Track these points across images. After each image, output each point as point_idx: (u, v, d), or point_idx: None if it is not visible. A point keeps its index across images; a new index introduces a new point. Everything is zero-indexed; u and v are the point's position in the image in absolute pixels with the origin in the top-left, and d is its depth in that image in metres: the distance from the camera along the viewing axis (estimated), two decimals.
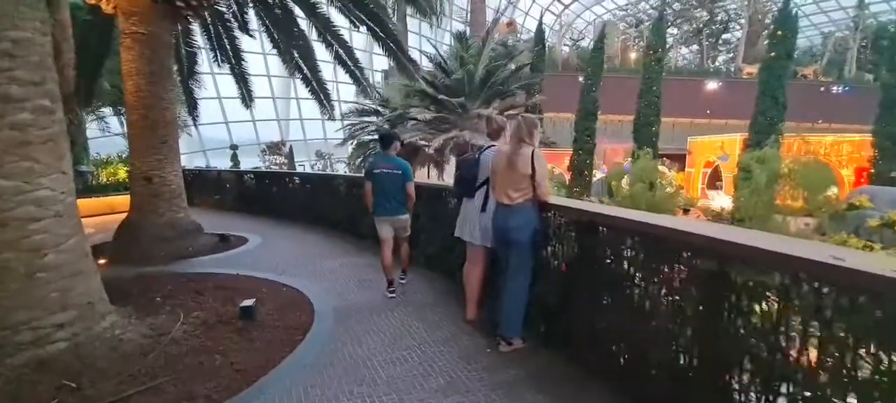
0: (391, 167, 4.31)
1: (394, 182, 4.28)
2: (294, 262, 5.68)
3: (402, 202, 4.35)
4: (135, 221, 6.11)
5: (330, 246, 6.66)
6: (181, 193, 6.45)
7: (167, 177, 6.21)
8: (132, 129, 6.12)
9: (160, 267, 5.44)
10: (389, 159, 4.36)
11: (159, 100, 6.12)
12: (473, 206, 3.60)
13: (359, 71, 8.34)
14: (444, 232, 4.77)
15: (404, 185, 4.31)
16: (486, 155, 3.54)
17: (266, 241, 6.94)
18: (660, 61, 12.90)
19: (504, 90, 14.45)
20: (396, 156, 4.42)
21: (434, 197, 5.33)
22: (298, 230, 7.96)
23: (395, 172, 4.28)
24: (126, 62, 6.01)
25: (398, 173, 4.29)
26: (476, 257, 3.65)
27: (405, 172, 4.32)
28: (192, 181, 11.20)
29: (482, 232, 3.52)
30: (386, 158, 4.37)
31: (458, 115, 14.62)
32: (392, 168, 4.30)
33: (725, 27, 26.14)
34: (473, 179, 3.60)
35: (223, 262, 5.69)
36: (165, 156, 6.19)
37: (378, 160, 4.47)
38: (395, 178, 4.28)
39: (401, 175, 4.29)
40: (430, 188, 5.55)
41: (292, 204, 8.84)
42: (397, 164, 4.33)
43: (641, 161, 12.04)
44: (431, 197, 5.35)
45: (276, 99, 25.49)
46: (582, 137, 14.08)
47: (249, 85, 9.34)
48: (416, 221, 4.94)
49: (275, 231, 7.90)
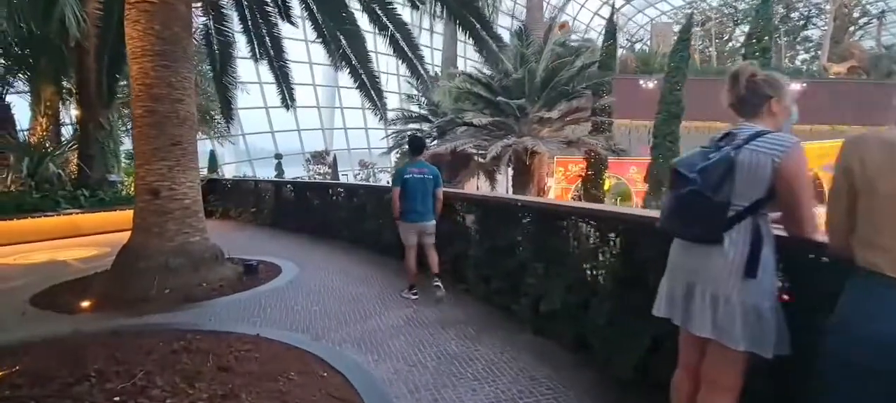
0: (423, 172, 4.16)
1: (425, 187, 4.14)
2: (338, 313, 3.87)
3: (431, 208, 4.20)
4: (136, 246, 4.53)
5: (384, 282, 4.83)
6: (198, 211, 4.84)
7: (179, 189, 4.61)
8: (137, 127, 4.58)
9: (156, 317, 3.79)
10: (420, 164, 4.23)
11: (171, 89, 4.56)
12: (714, 260, 1.61)
13: (418, 59, 6.56)
14: (571, 274, 3.00)
15: (434, 190, 4.19)
16: (752, 152, 1.54)
17: (303, 272, 5.22)
18: (766, 51, 10.39)
19: (569, 91, 12.36)
20: (426, 162, 4.32)
21: (549, 217, 3.40)
22: (341, 254, 6.21)
23: (427, 177, 4.16)
24: (131, 40, 4.49)
25: (430, 178, 4.17)
26: (715, 370, 1.65)
27: (436, 177, 4.21)
28: (229, 192, 9.85)
29: (744, 319, 1.53)
30: (417, 163, 4.23)
31: (515, 120, 12.65)
32: (423, 173, 4.16)
33: (806, 23, 22.78)
34: (716, 205, 1.60)
35: (243, 308, 3.97)
36: (177, 163, 4.60)
37: (409, 165, 4.27)
38: (426, 183, 4.14)
39: (432, 180, 4.18)
40: (542, 208, 3.60)
41: (335, 219, 7.15)
42: (429, 170, 4.22)
43: None
44: (545, 216, 3.43)
45: (321, 108, 24.60)
46: (663, 143, 11.71)
47: (291, 84, 7.79)
48: (513, 254, 3.75)
49: (314, 255, 6.20)
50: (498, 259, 3.94)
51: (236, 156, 23.53)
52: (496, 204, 3.92)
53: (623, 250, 2.68)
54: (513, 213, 3.79)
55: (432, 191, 4.15)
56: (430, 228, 4.19)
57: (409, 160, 4.33)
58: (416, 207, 4.09)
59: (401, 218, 4.16)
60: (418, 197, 4.08)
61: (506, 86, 12.46)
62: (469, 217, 4.39)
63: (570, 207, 3.20)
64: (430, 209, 4.16)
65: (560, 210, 3.30)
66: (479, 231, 4.26)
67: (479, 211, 4.18)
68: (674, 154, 11.80)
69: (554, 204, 3.35)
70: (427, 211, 4.14)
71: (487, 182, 15.36)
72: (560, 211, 3.29)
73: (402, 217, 4.15)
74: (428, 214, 4.15)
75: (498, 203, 3.91)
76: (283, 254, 6.11)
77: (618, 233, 2.73)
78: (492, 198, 4.05)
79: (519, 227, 3.76)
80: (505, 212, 3.90)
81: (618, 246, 2.74)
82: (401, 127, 15.86)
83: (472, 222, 4.34)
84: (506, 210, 3.86)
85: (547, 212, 3.40)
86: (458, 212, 4.72)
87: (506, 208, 3.86)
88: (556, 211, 3.32)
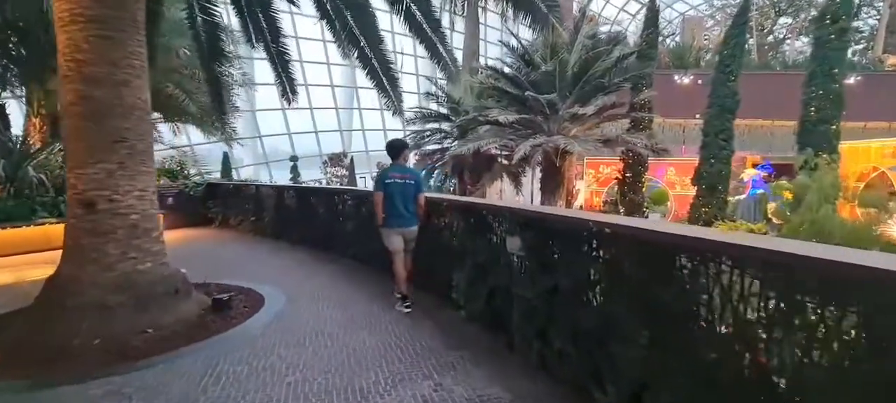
0: (405, 177, 3.94)
1: (407, 192, 3.90)
2: (338, 387, 2.55)
3: (414, 213, 3.95)
4: (64, 278, 3.29)
5: (400, 331, 3.47)
6: (152, 228, 3.58)
7: (124, 200, 3.37)
8: (66, 118, 3.35)
9: (65, 387, 2.55)
10: (402, 169, 4.02)
11: (112, 68, 3.32)
12: None
13: (439, 39, 5.21)
14: (710, 355, 1.62)
15: (417, 195, 3.94)
16: None
17: (290, 307, 3.92)
18: (844, 32, 8.55)
19: (605, 84, 10.77)
20: (408, 166, 4.21)
21: (655, 250, 1.96)
22: (346, 278, 4.90)
23: (410, 182, 3.94)
24: (58, 4, 3.29)
25: (412, 183, 3.95)
26: None
27: (418, 182, 4.01)
28: (229, 197, 8.70)
29: None
30: (398, 168, 4.00)
31: (544, 117, 11.15)
32: (405, 178, 3.94)
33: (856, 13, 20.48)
34: None
35: (188, 378, 2.67)
36: (122, 166, 3.36)
37: (390, 169, 3.99)
38: (408, 188, 3.91)
39: (414, 185, 3.95)
40: (643, 235, 2.13)
41: (341, 232, 5.86)
42: (411, 173, 4.06)
43: (822, 172, 7.94)
44: (648, 251, 1.99)
45: (339, 109, 23.66)
46: (715, 141, 10.01)
47: (291, 72, 6.54)
48: (586, 302, 2.21)
49: (312, 278, 4.91)
50: (562, 308, 2.55)
51: (255, 159, 22.81)
52: (561, 226, 2.53)
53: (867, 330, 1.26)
54: (584, 240, 2.39)
55: (414, 196, 3.91)
56: (413, 233, 3.98)
57: (393, 164, 4.04)
58: (400, 212, 3.86)
59: (384, 224, 3.91)
60: (400, 202, 3.86)
61: (534, 80, 10.98)
62: (511, 244, 3.01)
63: (704, 240, 1.78)
64: (414, 214, 3.94)
65: (683, 241, 1.87)
66: (530, 263, 2.87)
67: (532, 234, 2.80)
68: (727, 153, 10.13)
69: (665, 232, 1.90)
70: (411, 216, 3.92)
71: (512, 185, 13.93)
72: (683, 242, 1.86)
73: (386, 222, 3.90)
74: (412, 219, 3.93)
75: (562, 224, 2.52)
76: (273, 276, 4.85)
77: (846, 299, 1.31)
78: (552, 216, 2.64)
79: (596, 263, 2.36)
80: (571, 238, 2.50)
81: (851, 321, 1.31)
82: (419, 127, 14.53)
83: (518, 249, 2.95)
84: (573, 234, 2.46)
85: (650, 243, 1.99)
86: (494, 231, 3.34)
87: (573, 232, 2.47)
88: (673, 242, 1.89)
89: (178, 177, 8.69)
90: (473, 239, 3.53)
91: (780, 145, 19.35)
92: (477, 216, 3.56)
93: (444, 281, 3.88)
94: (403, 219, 3.87)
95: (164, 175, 8.44)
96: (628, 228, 2.10)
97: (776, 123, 19.74)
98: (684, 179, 13.69)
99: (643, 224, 1.95)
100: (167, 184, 8.25)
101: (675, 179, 14.19)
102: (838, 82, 8.72)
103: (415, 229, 3.97)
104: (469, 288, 3.54)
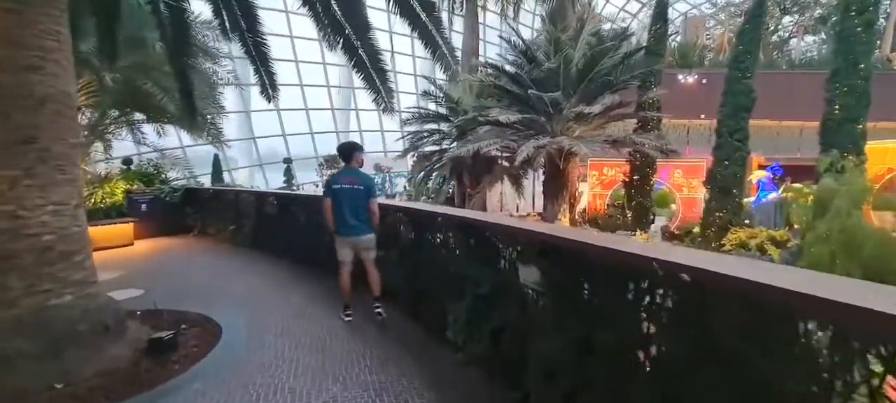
0: (354, 182, 3.64)
1: (357, 198, 3.59)
2: None
3: (366, 221, 3.63)
4: None
5: (391, 373, 2.74)
6: (74, 252, 2.81)
7: (33, 217, 2.61)
8: None
9: None
10: (352, 173, 3.70)
11: (17, 49, 2.58)
12: None
13: (434, 24, 4.47)
14: None
15: (368, 202, 3.61)
16: None
17: (252, 344, 3.15)
18: (870, 25, 7.88)
19: (613, 82, 10.04)
20: (360, 170, 3.79)
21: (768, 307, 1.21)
22: (325, 305, 4.13)
23: (358, 187, 3.62)
24: None
25: (361, 189, 3.63)
26: None
27: (368, 188, 3.67)
28: (209, 204, 7.94)
29: None
30: (349, 172, 3.71)
31: (547, 117, 10.42)
32: (355, 182, 3.63)
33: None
34: None
35: None
36: (30, 171, 2.62)
37: (339, 174, 3.73)
38: (358, 194, 3.60)
39: (364, 191, 3.63)
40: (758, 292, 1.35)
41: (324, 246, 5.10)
42: (361, 178, 3.71)
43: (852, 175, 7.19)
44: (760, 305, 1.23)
45: (335, 110, 22.92)
46: (729, 142, 9.27)
47: (270, 66, 5.78)
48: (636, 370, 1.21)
49: (286, 302, 4.15)
50: (599, 369, 1.81)
51: (250, 161, 22.11)
52: (604, 262, 1.75)
53: None
54: (636, 282, 1.65)
55: (365, 203, 3.62)
56: (367, 242, 3.68)
57: (344, 168, 3.78)
58: (349, 220, 3.58)
59: (335, 232, 3.66)
60: (349, 209, 3.58)
61: (536, 78, 10.25)
62: (526, 273, 2.28)
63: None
64: (366, 221, 3.65)
65: (832, 309, 1.13)
66: (553, 302, 2.13)
67: (548, 264, 2.06)
68: (742, 155, 9.40)
69: (793, 289, 1.15)
70: (362, 225, 3.63)
71: (513, 188, 13.20)
72: (831, 310, 1.13)
73: (336, 231, 3.64)
74: (363, 227, 3.64)
75: (608, 258, 1.74)
76: (243, 298, 4.11)
77: None
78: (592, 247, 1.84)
79: (657, 316, 1.62)
80: (616, 278, 1.75)
81: None
82: (417, 127, 13.78)
83: (536, 281, 2.22)
84: (621, 274, 1.71)
85: (767, 303, 1.25)
86: (505, 257, 2.60)
87: (623, 272, 1.71)
88: (806, 306, 1.15)
89: (154, 182, 7.92)
90: (475, 264, 2.79)
91: (785, 146, 18.67)
92: (479, 236, 2.82)
93: (439, 313, 3.13)
94: (352, 228, 3.56)
95: (137, 179, 7.68)
96: (729, 279, 1.33)
97: (783, 124, 19.06)
98: (692, 181, 12.98)
99: (753, 271, 1.21)
100: (141, 190, 7.49)
101: (682, 181, 13.44)
102: (865, 78, 8.00)
103: (369, 238, 3.66)
104: (468, 326, 2.79)
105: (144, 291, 4.41)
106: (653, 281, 1.55)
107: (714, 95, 11.17)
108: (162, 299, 3.92)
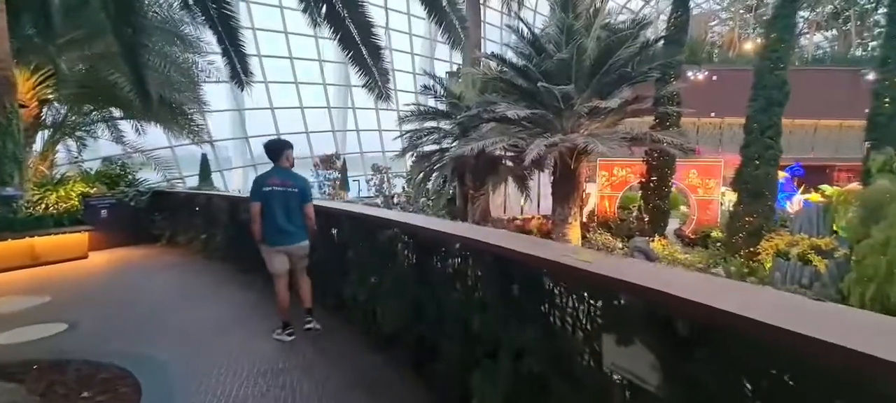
0: (286, 183, 3.14)
1: (290, 202, 3.11)
2: None
3: (301, 227, 3.19)
4: None
5: None
6: None
7: None
8: None
9: None
10: (284, 174, 3.19)
11: None
12: None
13: None
14: None
15: (302, 206, 3.16)
16: None
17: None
18: None
19: (630, 74, 9.02)
20: (292, 170, 3.26)
21: None
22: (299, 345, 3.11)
23: (292, 190, 3.14)
24: None
25: (295, 191, 3.15)
26: None
27: (303, 190, 3.20)
28: (180, 209, 6.85)
29: None
30: (280, 172, 3.18)
31: (556, 112, 9.37)
32: (288, 184, 3.15)
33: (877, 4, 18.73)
34: None
35: None
36: None
37: (268, 174, 3.19)
38: (291, 197, 3.12)
39: (298, 193, 3.16)
40: None
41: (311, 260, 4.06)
42: (294, 180, 3.21)
43: None
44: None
45: (332, 109, 21.87)
46: (760, 139, 8.28)
47: (241, 45, 4.71)
48: None
49: (248, 344, 3.11)
50: None
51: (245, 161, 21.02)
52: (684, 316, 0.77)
53: None
54: None
55: (300, 207, 3.12)
56: (302, 251, 3.22)
57: (273, 168, 3.21)
58: (282, 226, 3.07)
59: (262, 241, 3.11)
60: (282, 213, 3.06)
61: (546, 70, 9.21)
62: (621, 355, 1.25)
63: None
64: (301, 228, 3.18)
65: None
66: None
67: (685, 354, 1.04)
68: (775, 153, 8.40)
69: None
70: (296, 231, 3.14)
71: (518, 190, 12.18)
72: None
73: (265, 239, 3.10)
74: (297, 234, 3.15)
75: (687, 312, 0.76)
76: (195, 337, 3.09)
77: None
78: (641, 288, 0.81)
79: None
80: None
81: None
82: (416, 125, 12.71)
83: (642, 373, 1.19)
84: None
85: None
86: (564, 312, 1.55)
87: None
88: None
89: (119, 184, 6.84)
90: (517, 318, 1.74)
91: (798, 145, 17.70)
92: (524, 278, 1.76)
93: (455, 378, 2.09)
94: (286, 235, 3.11)
95: (98, 181, 6.59)
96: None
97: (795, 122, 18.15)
98: (708, 182, 12.00)
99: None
100: (101, 193, 6.40)
101: (698, 182, 12.44)
102: None
103: (304, 245, 3.24)
104: None
105: (68, 326, 3.35)
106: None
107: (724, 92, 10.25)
108: (86, 337, 2.91)
